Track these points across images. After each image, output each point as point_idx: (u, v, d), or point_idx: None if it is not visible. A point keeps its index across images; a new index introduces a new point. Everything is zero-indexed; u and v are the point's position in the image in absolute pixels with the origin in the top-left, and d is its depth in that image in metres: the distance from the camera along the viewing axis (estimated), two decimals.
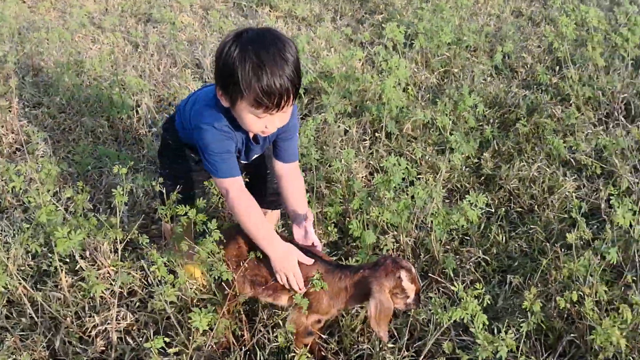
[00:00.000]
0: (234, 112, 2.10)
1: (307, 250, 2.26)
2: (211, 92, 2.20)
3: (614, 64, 4.13)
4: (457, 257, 2.79)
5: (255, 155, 2.43)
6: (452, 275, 2.63)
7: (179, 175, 2.47)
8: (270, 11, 5.47)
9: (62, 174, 3.32)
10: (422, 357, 2.25)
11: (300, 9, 5.18)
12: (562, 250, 2.56)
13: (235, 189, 2.20)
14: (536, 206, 3.12)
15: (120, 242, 2.34)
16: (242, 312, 2.34)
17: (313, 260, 2.21)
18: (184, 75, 4.20)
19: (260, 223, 2.21)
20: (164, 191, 2.31)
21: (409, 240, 2.77)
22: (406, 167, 2.75)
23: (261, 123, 2.07)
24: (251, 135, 2.26)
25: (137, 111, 3.83)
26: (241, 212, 2.19)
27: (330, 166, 3.24)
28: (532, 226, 2.94)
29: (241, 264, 2.21)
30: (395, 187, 2.74)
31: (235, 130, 2.18)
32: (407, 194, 2.71)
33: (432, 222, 2.62)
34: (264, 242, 2.20)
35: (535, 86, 4.12)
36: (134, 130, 3.75)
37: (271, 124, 2.09)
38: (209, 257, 2.14)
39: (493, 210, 3.11)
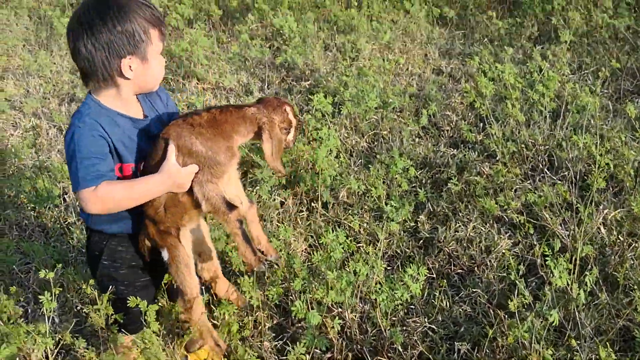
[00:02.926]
0: (142, 74, 2.11)
1: None
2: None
3: (533, 117, 4.30)
4: (404, 328, 2.77)
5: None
6: (400, 349, 2.61)
7: (110, 275, 2.36)
8: (197, 83, 5.46)
9: None
10: None
11: (228, 81, 5.20)
12: (506, 315, 2.58)
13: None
14: (476, 267, 3.16)
15: (53, 348, 2.21)
16: None
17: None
18: None
19: (127, 182, 2.12)
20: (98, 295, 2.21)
21: (355, 316, 2.74)
22: (345, 241, 2.74)
23: (162, 62, 2.18)
24: (139, 114, 2.21)
25: (64, 199, 3.69)
26: (115, 197, 2.07)
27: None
28: (473, 289, 2.96)
29: None
30: (335, 263, 2.72)
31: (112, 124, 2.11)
32: (349, 270, 2.69)
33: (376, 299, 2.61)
34: (146, 186, 2.11)
35: (462, 144, 4.24)
36: (61, 219, 3.61)
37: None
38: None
39: (434, 275, 3.12)
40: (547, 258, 2.51)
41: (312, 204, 3.65)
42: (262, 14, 6.31)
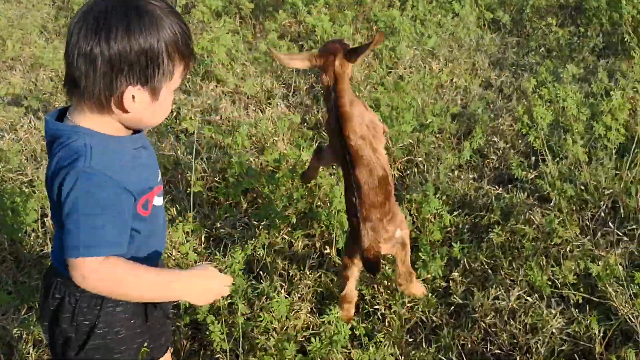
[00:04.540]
0: (144, 111, 1.61)
1: None
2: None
3: (596, 154, 3.65)
4: None
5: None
6: None
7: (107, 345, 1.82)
8: (216, 86, 4.95)
9: None
10: None
11: (249, 87, 4.66)
12: None
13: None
14: (517, 349, 2.57)
15: None
16: None
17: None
18: None
19: (151, 269, 1.65)
20: None
21: None
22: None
23: (171, 100, 1.72)
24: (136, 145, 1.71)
25: (43, 222, 3.24)
26: (125, 280, 1.59)
27: (267, 300, 2.67)
28: None
29: None
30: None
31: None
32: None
33: None
34: (171, 282, 1.66)
35: (509, 182, 3.62)
36: (38, 246, 3.15)
37: None
38: None
39: (464, 356, 2.55)
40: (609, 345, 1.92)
41: (325, 249, 3.10)
42: (296, 10, 5.74)
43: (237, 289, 2.49)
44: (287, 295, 2.71)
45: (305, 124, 4.37)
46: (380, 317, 2.75)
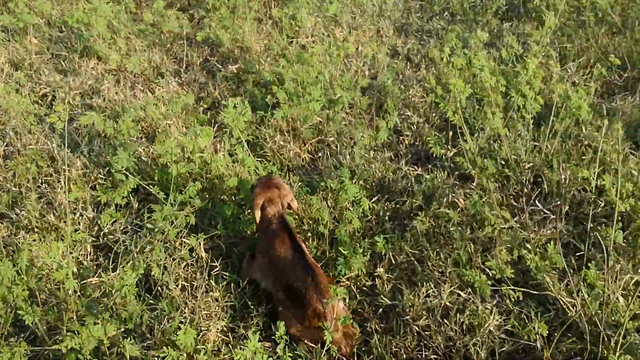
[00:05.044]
0: None
1: None
2: None
3: (512, 125, 3.45)
4: None
5: None
6: None
7: None
8: (97, 64, 4.35)
9: None
10: None
11: (134, 63, 4.11)
12: None
13: None
14: (455, 352, 2.33)
15: None
16: None
17: None
18: None
19: None
20: None
21: None
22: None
23: None
24: None
25: None
26: None
27: (169, 322, 2.27)
28: None
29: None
30: None
31: None
32: None
33: None
34: None
35: (427, 160, 3.37)
36: None
37: None
38: None
39: None
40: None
41: (233, 250, 2.72)
42: None
43: (130, 317, 2.07)
44: (192, 313, 2.32)
45: (201, 104, 3.92)
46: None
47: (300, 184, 3.13)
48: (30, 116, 3.53)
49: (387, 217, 2.95)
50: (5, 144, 3.33)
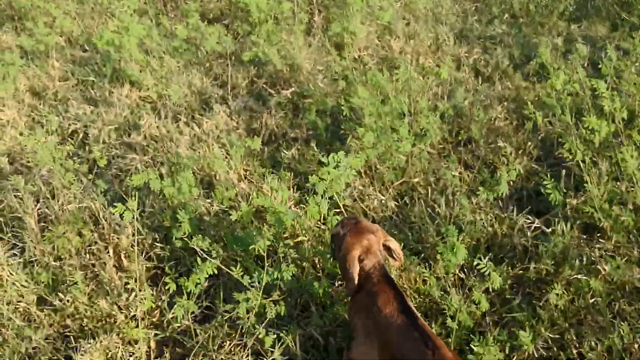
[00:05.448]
0: None
1: None
2: None
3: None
4: None
5: None
6: None
7: None
8: (130, 90, 3.81)
9: None
10: None
11: (175, 93, 3.56)
12: None
13: None
14: None
15: None
16: None
17: None
18: None
19: None
20: None
21: None
22: None
23: None
24: None
25: None
26: None
27: None
28: None
29: None
30: None
31: None
32: None
33: None
34: None
35: (528, 200, 2.84)
36: None
37: None
38: None
39: None
40: None
41: (329, 342, 2.20)
42: None
43: None
44: None
45: (253, 134, 3.39)
46: None
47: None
48: (63, 162, 2.97)
49: (513, 289, 2.41)
50: (38, 204, 2.79)
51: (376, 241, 2.13)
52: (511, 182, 2.95)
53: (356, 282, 2.05)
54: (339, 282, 2.39)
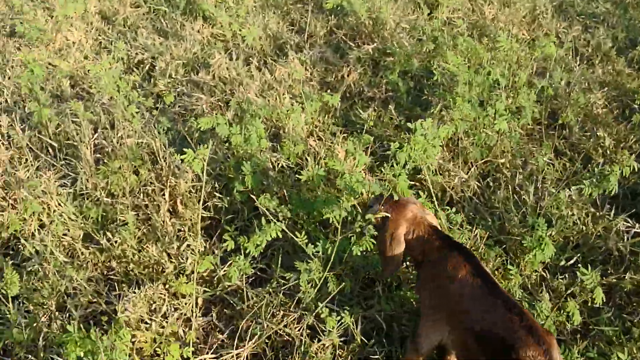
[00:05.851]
0: None
1: None
2: None
3: None
4: None
5: None
6: None
7: None
8: (202, 26, 3.59)
9: None
10: None
11: (251, 35, 3.32)
12: None
13: None
14: None
15: None
16: None
17: None
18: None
19: None
20: None
21: None
22: None
23: None
24: None
25: None
26: None
27: None
28: None
29: None
30: None
31: None
32: None
33: None
34: None
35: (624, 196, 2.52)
36: None
37: None
38: None
39: None
40: None
41: (392, 327, 1.97)
42: None
43: None
44: None
45: (327, 88, 3.14)
46: None
47: (476, 229, 2.34)
48: (127, 93, 2.77)
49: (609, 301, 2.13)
50: (95, 134, 2.62)
51: (420, 207, 1.93)
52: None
53: (399, 264, 1.87)
54: (408, 264, 2.15)
